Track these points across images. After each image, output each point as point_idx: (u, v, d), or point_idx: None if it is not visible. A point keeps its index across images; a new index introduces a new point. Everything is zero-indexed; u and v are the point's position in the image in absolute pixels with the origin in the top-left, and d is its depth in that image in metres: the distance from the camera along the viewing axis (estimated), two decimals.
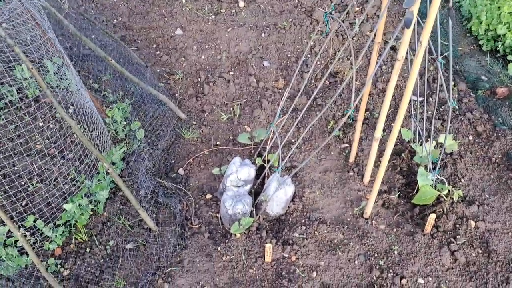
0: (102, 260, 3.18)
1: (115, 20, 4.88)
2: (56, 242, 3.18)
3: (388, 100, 2.81)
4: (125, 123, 3.87)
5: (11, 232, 3.09)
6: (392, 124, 4.11)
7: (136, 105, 4.06)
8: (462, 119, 4.08)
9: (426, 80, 3.25)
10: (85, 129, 3.46)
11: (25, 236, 2.99)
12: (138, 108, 4.05)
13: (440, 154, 3.68)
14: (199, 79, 4.43)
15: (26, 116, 3.81)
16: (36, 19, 2.67)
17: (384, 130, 3.99)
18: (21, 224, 3.10)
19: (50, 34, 2.75)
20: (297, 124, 4.06)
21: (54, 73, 3.89)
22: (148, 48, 4.70)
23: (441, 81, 2.72)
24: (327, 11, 2.86)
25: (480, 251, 3.15)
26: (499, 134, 3.92)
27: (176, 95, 4.30)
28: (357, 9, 5.14)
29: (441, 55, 2.74)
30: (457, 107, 3.90)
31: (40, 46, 2.91)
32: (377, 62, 2.89)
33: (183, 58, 4.59)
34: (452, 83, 2.48)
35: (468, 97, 4.33)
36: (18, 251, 3.06)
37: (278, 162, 3.60)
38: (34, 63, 3.55)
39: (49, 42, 2.69)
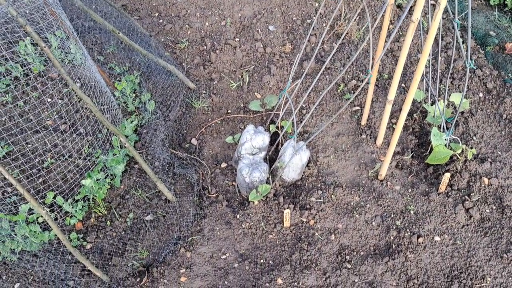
0: (124, 232, 3.23)
1: None
2: (76, 217, 3.22)
3: (402, 64, 2.77)
4: (134, 95, 3.83)
5: (32, 209, 3.12)
6: (403, 85, 4.09)
7: (144, 76, 4.00)
8: (472, 76, 4.06)
9: (440, 39, 3.20)
10: (94, 103, 3.43)
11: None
12: (146, 79, 3.99)
13: (452, 114, 3.69)
14: (205, 47, 4.35)
15: (33, 92, 3.75)
16: None
17: None
18: (42, 202, 3.13)
19: (57, 9, 2.67)
20: (307, 89, 4.03)
21: (58, 47, 3.81)
22: (150, 17, 4.58)
23: (458, 42, 2.67)
24: None
25: (494, 207, 3.21)
26: (510, 90, 3.91)
27: (183, 64, 4.23)
28: None
29: (453, 13, 2.68)
30: (474, 68, 3.86)
31: (45, 19, 2.84)
32: (393, 29, 2.82)
33: (187, 26, 4.48)
34: (470, 41, 2.45)
35: (477, 54, 4.28)
36: (40, 227, 3.10)
37: (293, 129, 3.59)
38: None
39: (55, 17, 2.61)
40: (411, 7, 4.42)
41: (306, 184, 3.43)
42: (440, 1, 2.31)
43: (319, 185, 3.40)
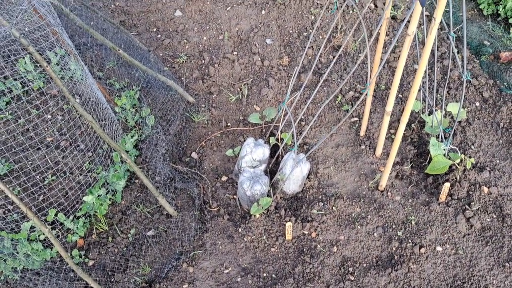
0: (125, 248, 3.22)
1: (112, 6, 4.77)
2: (78, 234, 3.21)
3: (399, 76, 2.81)
4: (134, 110, 3.85)
5: (34, 227, 3.11)
6: (400, 96, 4.13)
7: (143, 91, 4.02)
8: (468, 85, 4.11)
9: (435, 49, 3.24)
10: (95, 119, 3.44)
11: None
12: (146, 94, 4.02)
13: (450, 123, 3.72)
14: (203, 61, 4.38)
15: (33, 109, 3.77)
16: (40, 12, 2.61)
17: None
18: (44, 219, 3.12)
19: (58, 28, 2.69)
20: (305, 101, 4.07)
21: (57, 64, 3.83)
22: (148, 32, 4.62)
23: (454, 53, 2.72)
24: None
25: (495, 216, 3.23)
26: (506, 99, 3.96)
27: (182, 78, 4.26)
28: None
29: (448, 26, 2.73)
30: (470, 80, 3.92)
31: (46, 37, 2.86)
32: (390, 42, 2.86)
33: (185, 41, 4.52)
34: (465, 54, 2.49)
35: (472, 63, 4.34)
36: (42, 244, 3.09)
37: (293, 141, 3.62)
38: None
39: (57, 37, 2.64)
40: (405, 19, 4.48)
41: (307, 196, 3.44)
42: (436, 16, 2.35)
43: (320, 197, 3.41)
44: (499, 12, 4.75)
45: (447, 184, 3.25)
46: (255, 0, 4.86)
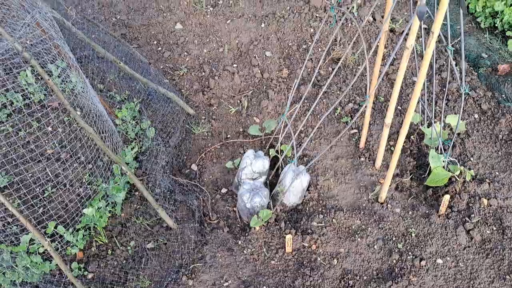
0: (125, 261, 3.21)
1: (113, 19, 4.82)
2: (77, 247, 3.20)
3: (398, 89, 2.83)
4: (134, 122, 3.87)
5: (33, 239, 3.10)
6: (399, 107, 4.15)
7: (144, 103, 4.05)
8: (467, 98, 4.13)
9: (434, 62, 3.27)
10: (95, 131, 3.46)
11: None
12: (146, 106, 4.04)
13: (449, 135, 3.74)
14: (203, 73, 4.42)
15: (34, 122, 3.78)
16: (43, 26, 2.64)
17: None
18: (44, 232, 3.12)
19: (60, 42, 2.72)
20: (305, 113, 4.09)
21: (58, 76, 3.86)
22: (149, 44, 4.66)
23: (452, 66, 2.74)
24: (333, 5, 2.85)
25: (495, 228, 3.23)
26: (504, 111, 3.98)
27: (183, 90, 4.29)
28: None
29: (446, 39, 2.76)
30: (469, 93, 3.95)
31: (48, 51, 2.89)
32: (389, 55, 2.89)
33: (185, 53, 4.56)
34: (464, 67, 2.52)
35: (470, 76, 4.37)
36: (41, 257, 3.08)
37: (292, 153, 3.63)
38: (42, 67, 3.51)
39: (59, 51, 2.67)
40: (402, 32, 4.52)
41: (307, 208, 3.44)
42: (434, 30, 2.38)
43: (320, 209, 3.41)
44: (496, 25, 4.80)
45: (447, 196, 3.26)
46: (255, 13, 4.91)
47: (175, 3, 4.96)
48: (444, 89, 4.25)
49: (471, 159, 3.66)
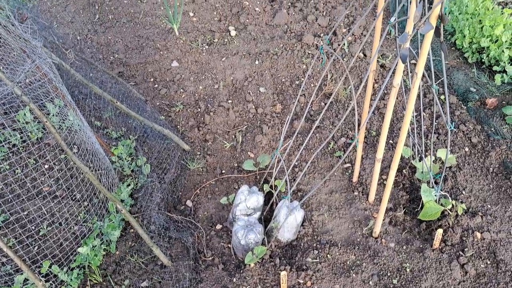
0: None
1: (111, 57, 4.95)
2: (72, 286, 3.18)
3: (387, 124, 2.91)
4: (130, 159, 3.91)
5: (27, 279, 3.08)
6: (391, 142, 4.23)
7: (140, 140, 4.11)
8: (457, 131, 4.22)
9: (422, 96, 3.37)
10: (91, 169, 3.50)
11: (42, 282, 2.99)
12: (142, 143, 4.10)
13: (440, 169, 3.80)
14: (199, 109, 4.51)
15: (31, 160, 3.83)
16: (43, 70, 2.73)
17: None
18: (39, 272, 3.10)
19: (58, 83, 2.81)
20: (298, 148, 4.15)
21: (55, 115, 3.93)
22: (146, 82, 4.77)
23: (438, 105, 2.82)
24: (322, 45, 2.97)
25: (489, 262, 3.24)
26: (494, 144, 4.06)
27: (178, 127, 4.36)
28: (344, 30, 5.31)
29: (431, 78, 2.85)
30: (456, 130, 4.04)
31: (47, 93, 2.97)
32: (378, 89, 2.98)
33: (181, 90, 4.67)
34: (448, 106, 2.61)
35: (459, 109, 4.47)
36: None
37: (286, 188, 3.66)
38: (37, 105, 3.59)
39: (57, 93, 2.75)
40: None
41: (302, 244, 3.45)
42: (417, 71, 2.48)
43: (314, 245, 3.42)
44: (483, 60, 4.95)
45: (440, 230, 3.28)
46: (249, 51, 5.06)
47: (171, 42, 5.12)
48: (434, 123, 4.34)
49: (463, 192, 3.70)
